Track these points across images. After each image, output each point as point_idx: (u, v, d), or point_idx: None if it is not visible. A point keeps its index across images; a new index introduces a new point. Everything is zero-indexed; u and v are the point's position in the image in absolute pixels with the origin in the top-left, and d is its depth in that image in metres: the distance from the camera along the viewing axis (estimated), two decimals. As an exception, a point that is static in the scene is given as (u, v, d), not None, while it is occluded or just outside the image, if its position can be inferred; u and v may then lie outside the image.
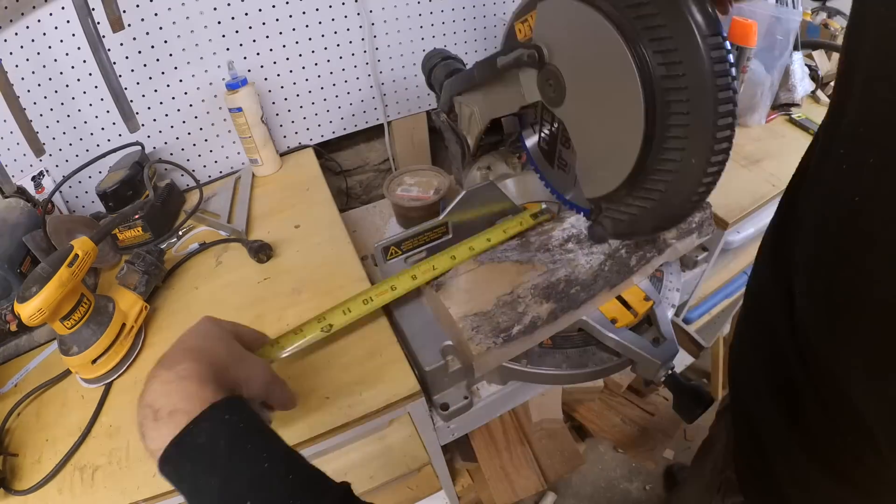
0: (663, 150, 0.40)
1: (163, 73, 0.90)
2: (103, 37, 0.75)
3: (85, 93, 0.86)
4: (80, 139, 0.90)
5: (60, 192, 0.90)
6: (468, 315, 0.55)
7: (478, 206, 0.68)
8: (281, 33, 0.95)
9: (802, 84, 1.07)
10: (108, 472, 0.56)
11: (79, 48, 0.81)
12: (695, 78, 0.36)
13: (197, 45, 0.90)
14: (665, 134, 0.39)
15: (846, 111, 0.32)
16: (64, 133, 0.88)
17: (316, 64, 1.02)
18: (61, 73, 0.83)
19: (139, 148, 0.92)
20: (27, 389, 0.64)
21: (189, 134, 0.98)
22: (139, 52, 0.86)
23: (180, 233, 0.90)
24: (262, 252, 0.79)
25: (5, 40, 0.77)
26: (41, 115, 0.85)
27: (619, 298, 0.62)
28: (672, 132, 0.39)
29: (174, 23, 0.86)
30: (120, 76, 0.82)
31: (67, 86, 0.84)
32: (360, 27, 1.01)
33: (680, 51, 0.36)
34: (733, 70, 0.36)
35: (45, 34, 0.79)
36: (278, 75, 1.00)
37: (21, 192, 0.80)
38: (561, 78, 0.47)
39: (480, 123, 0.69)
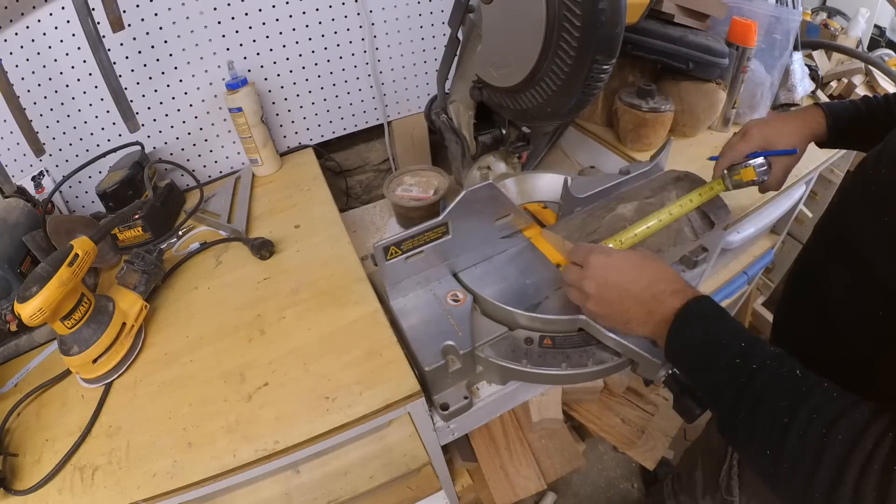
0: (554, 62, 0.57)
1: (163, 73, 0.90)
2: (103, 37, 0.75)
3: (85, 93, 0.86)
4: (80, 139, 0.90)
5: (60, 192, 0.90)
6: None
7: (478, 206, 0.68)
8: (281, 33, 0.95)
9: (802, 84, 1.07)
10: (107, 471, 0.56)
11: (79, 48, 0.81)
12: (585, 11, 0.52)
13: (197, 45, 0.90)
14: (556, 51, 0.56)
15: None
16: (64, 133, 0.88)
17: (316, 64, 1.02)
18: (61, 73, 0.83)
19: (139, 148, 0.92)
20: (27, 389, 0.64)
21: (189, 134, 0.98)
22: (139, 52, 0.86)
23: (180, 233, 0.90)
24: (264, 248, 0.79)
25: (5, 40, 0.77)
26: (41, 115, 0.85)
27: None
28: (561, 49, 0.55)
29: (174, 23, 0.86)
30: (120, 76, 0.82)
31: (67, 86, 0.84)
32: (360, 27, 1.01)
33: None
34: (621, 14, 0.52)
35: (45, 34, 0.79)
36: (278, 75, 1.00)
37: (21, 192, 0.80)
38: None
39: (470, 108, 0.71)
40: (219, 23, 0.89)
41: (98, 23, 0.74)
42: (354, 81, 1.07)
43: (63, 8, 0.78)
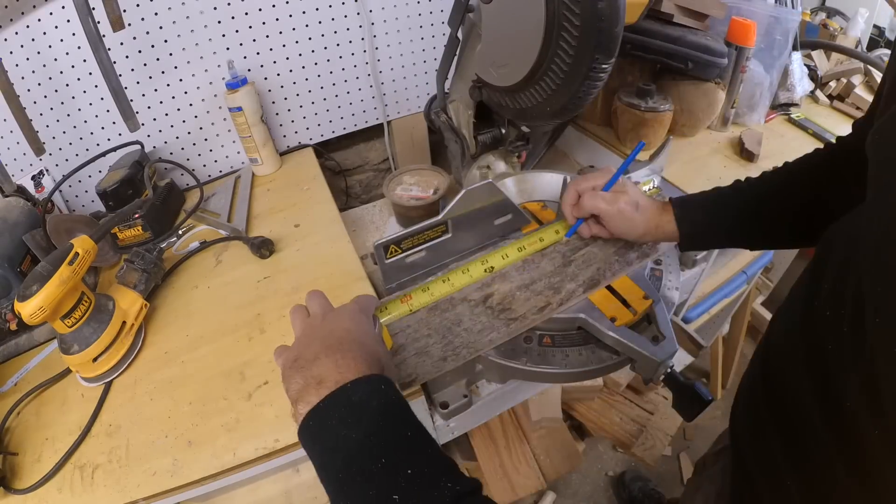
0: (553, 61, 0.58)
1: (163, 72, 0.90)
2: (103, 36, 0.76)
3: (85, 92, 0.86)
4: (80, 138, 0.90)
5: (60, 191, 0.90)
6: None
7: (477, 205, 0.68)
8: (281, 33, 0.95)
9: (801, 84, 1.07)
10: (107, 470, 0.56)
11: (79, 48, 0.81)
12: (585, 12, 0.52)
13: (197, 44, 0.90)
14: (556, 50, 0.56)
15: None
16: (64, 132, 0.88)
17: (316, 64, 1.02)
18: (61, 72, 0.83)
19: (139, 147, 0.92)
20: (27, 388, 0.64)
21: (189, 133, 0.98)
22: (139, 51, 0.86)
23: (180, 232, 0.90)
24: (264, 248, 0.79)
25: (5, 40, 0.77)
26: (41, 114, 0.85)
27: (619, 297, 0.62)
28: (561, 49, 0.56)
29: (174, 22, 0.86)
30: (120, 76, 0.82)
31: (67, 85, 0.84)
32: (360, 27, 1.01)
33: None
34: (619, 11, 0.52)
35: (45, 34, 0.79)
36: (278, 75, 1.00)
37: (21, 191, 0.80)
38: None
39: (469, 107, 0.71)
40: (219, 23, 0.89)
41: (98, 22, 0.74)
42: (354, 81, 1.08)
43: (63, 7, 0.78)
